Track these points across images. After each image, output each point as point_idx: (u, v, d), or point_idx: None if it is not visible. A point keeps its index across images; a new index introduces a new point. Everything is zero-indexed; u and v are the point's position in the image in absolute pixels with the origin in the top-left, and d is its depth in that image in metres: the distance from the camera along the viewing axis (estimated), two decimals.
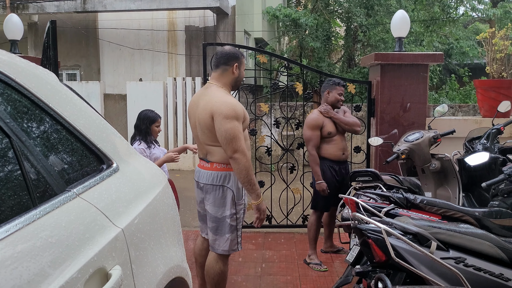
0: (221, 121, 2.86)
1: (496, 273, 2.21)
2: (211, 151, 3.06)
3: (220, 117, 2.86)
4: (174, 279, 1.79)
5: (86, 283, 1.20)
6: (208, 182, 3.05)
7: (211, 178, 3.04)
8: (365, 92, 7.05)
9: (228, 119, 2.85)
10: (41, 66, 1.68)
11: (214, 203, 3.05)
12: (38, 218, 1.16)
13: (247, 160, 2.89)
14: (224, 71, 3.08)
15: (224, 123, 2.85)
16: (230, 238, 3.06)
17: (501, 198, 3.17)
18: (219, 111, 2.87)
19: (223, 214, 3.03)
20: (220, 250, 3.08)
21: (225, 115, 2.86)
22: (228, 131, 2.84)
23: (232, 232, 3.06)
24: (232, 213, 3.04)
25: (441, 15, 13.21)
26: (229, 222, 3.04)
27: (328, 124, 4.25)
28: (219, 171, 3.02)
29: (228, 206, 3.03)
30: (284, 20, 13.42)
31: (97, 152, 1.62)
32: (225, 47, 3.25)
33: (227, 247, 3.07)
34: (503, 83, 5.48)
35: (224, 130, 2.85)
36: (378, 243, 2.26)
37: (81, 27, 13.19)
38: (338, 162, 4.30)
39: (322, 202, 4.32)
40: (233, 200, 3.04)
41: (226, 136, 2.85)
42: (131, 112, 10.08)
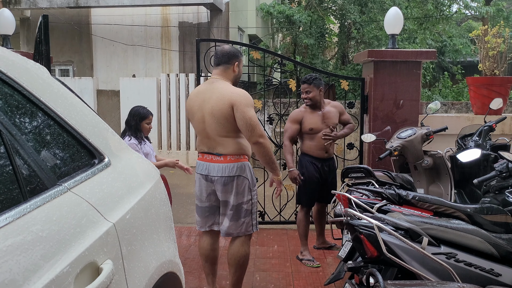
0: (244, 109, 3.04)
1: (487, 268, 2.23)
2: (224, 143, 3.18)
3: (242, 106, 3.05)
4: (166, 274, 1.79)
5: (77, 277, 1.20)
6: (224, 175, 3.20)
7: (228, 170, 3.19)
8: (358, 89, 7.07)
9: (249, 107, 3.08)
10: (32, 61, 1.67)
11: (233, 192, 3.22)
12: (29, 212, 1.15)
13: (269, 142, 3.20)
14: (226, 69, 3.26)
15: (247, 111, 3.05)
16: (246, 221, 3.27)
17: (493, 195, 3.19)
18: (240, 100, 3.07)
19: (239, 201, 3.23)
20: (236, 233, 3.28)
21: (246, 104, 3.06)
22: (252, 118, 3.06)
23: (247, 216, 3.27)
24: (248, 199, 3.26)
25: (435, 13, 13.26)
26: (245, 208, 3.25)
27: (309, 120, 4.24)
28: (235, 163, 3.19)
29: (245, 193, 3.24)
30: (278, 17, 13.41)
31: (89, 147, 1.61)
32: (225, 46, 3.43)
33: (244, 229, 3.27)
34: (495, 80, 5.52)
35: (248, 117, 3.05)
36: (370, 239, 2.27)
37: (74, 22, 13.11)
38: (320, 160, 4.30)
39: (305, 197, 4.36)
40: (249, 188, 3.25)
41: (251, 123, 3.05)
42: (124, 108, 10.03)
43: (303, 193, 4.35)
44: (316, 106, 4.25)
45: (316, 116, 4.25)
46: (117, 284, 1.40)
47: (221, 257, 4.48)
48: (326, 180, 4.33)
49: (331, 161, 4.41)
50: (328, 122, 4.26)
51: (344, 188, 3.81)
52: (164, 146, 10.38)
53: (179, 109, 10.30)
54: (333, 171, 4.41)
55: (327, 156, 4.31)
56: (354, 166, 3.94)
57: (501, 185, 3.14)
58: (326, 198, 4.34)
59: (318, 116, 4.25)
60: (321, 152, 4.27)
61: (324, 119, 4.26)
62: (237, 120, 3.06)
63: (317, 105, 4.25)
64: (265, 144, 3.11)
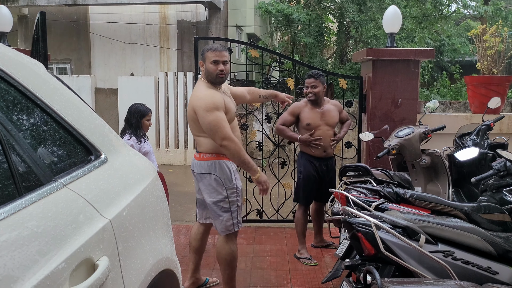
0: (203, 114, 3.06)
1: (484, 266, 2.23)
2: (199, 142, 3.29)
3: (201, 111, 3.07)
4: (163, 271, 1.78)
5: (72, 273, 1.19)
6: (198, 171, 3.29)
7: (200, 167, 3.26)
8: (356, 88, 7.07)
9: (209, 111, 3.05)
10: (29, 57, 1.66)
11: (206, 190, 3.27)
12: (24, 208, 1.15)
13: (235, 144, 3.08)
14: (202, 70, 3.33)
15: (206, 117, 3.05)
16: (225, 219, 3.26)
17: (490, 193, 3.19)
18: (199, 105, 3.08)
19: (214, 199, 3.25)
20: (220, 231, 3.30)
21: (205, 108, 3.05)
22: (211, 123, 3.05)
23: (226, 213, 3.25)
24: (224, 197, 3.24)
25: (433, 12, 13.27)
26: (222, 205, 3.24)
27: (307, 115, 4.25)
28: (206, 160, 3.24)
29: (218, 191, 3.23)
30: (276, 15, 13.40)
31: (85, 143, 1.60)
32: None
33: (224, 227, 3.27)
34: (494, 79, 5.52)
35: (207, 122, 3.06)
36: (367, 237, 2.27)
37: (71, 20, 13.08)
38: (318, 159, 4.30)
39: (302, 195, 4.36)
40: (222, 185, 3.23)
41: (211, 127, 3.06)
42: (122, 106, 10.02)
43: (301, 191, 4.36)
44: (317, 103, 4.26)
45: (315, 112, 4.25)
46: (113, 281, 1.39)
47: None
48: (324, 179, 4.33)
49: (330, 160, 4.40)
50: (327, 120, 4.26)
51: (342, 187, 3.81)
52: (162, 144, 10.37)
53: (177, 108, 10.28)
54: (332, 170, 4.41)
55: (325, 155, 4.30)
56: (352, 164, 3.94)
57: (498, 183, 3.14)
58: (324, 197, 4.34)
59: (316, 113, 4.26)
60: (318, 152, 4.27)
61: (322, 117, 4.26)
62: (201, 125, 3.12)
63: (318, 101, 4.26)
64: (229, 146, 3.06)
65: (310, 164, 4.29)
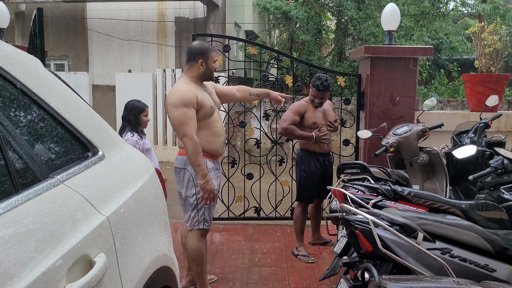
0: (169, 110, 3.13)
1: (482, 263, 2.24)
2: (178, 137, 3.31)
3: (169, 106, 3.14)
4: (161, 268, 1.78)
5: (69, 270, 1.19)
6: (175, 165, 3.36)
7: (177, 161, 3.35)
8: (355, 85, 7.07)
9: (175, 107, 3.10)
10: (26, 52, 1.65)
11: (179, 183, 3.35)
12: (20, 204, 1.14)
13: (192, 143, 3.09)
14: (191, 66, 3.32)
15: (172, 111, 3.11)
16: (191, 215, 3.32)
17: (488, 191, 3.20)
18: (168, 100, 3.17)
19: (185, 194, 3.31)
20: (187, 224, 3.38)
21: (172, 104, 3.12)
22: (175, 118, 3.10)
23: (193, 210, 3.30)
24: (193, 193, 3.28)
25: (431, 10, 13.26)
26: (191, 202, 3.30)
27: (312, 114, 4.27)
28: (182, 155, 3.28)
29: (189, 186, 3.29)
30: (274, 13, 13.38)
31: (82, 140, 1.59)
32: (194, 42, 3.45)
33: (189, 223, 3.34)
34: (491, 77, 5.52)
35: (172, 117, 3.13)
36: (365, 234, 2.26)
37: (69, 16, 13.03)
38: (321, 154, 4.32)
39: (306, 193, 4.35)
40: (192, 181, 3.27)
41: (175, 122, 3.12)
42: (120, 103, 9.99)
43: (304, 190, 4.34)
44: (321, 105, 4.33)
45: (318, 112, 4.31)
46: (110, 278, 1.39)
47: (217, 253, 4.48)
48: (326, 175, 4.37)
49: (330, 156, 4.46)
50: (328, 118, 4.34)
51: (339, 184, 3.81)
52: (160, 141, 10.36)
53: None
54: (331, 166, 4.45)
55: (328, 150, 4.37)
56: (350, 162, 3.93)
57: (496, 181, 3.15)
58: (324, 193, 4.34)
59: (320, 112, 4.32)
60: (324, 147, 4.30)
61: (324, 115, 4.34)
62: None
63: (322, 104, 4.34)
64: (186, 143, 3.09)
65: (313, 161, 4.31)
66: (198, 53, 3.27)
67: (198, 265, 3.36)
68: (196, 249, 3.34)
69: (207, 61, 3.27)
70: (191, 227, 3.34)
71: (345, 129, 8.13)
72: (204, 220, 3.32)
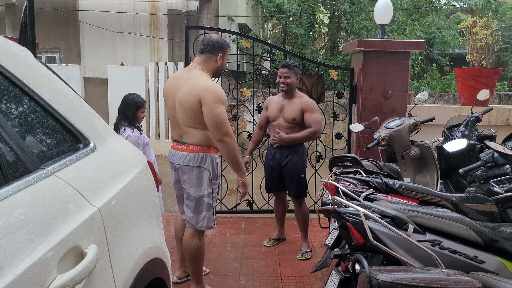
0: (211, 105, 2.95)
1: (471, 255, 2.26)
2: (189, 133, 3.14)
3: (210, 102, 2.95)
4: (152, 260, 1.78)
5: (60, 261, 1.19)
6: (184, 163, 3.17)
7: (188, 159, 3.15)
8: (347, 79, 7.08)
9: (217, 103, 2.97)
10: (17, 43, 1.64)
11: (192, 183, 3.17)
12: (11, 195, 1.14)
13: (235, 142, 3.05)
14: (209, 59, 3.18)
15: (215, 108, 2.96)
16: (207, 216, 3.22)
17: (478, 185, 3.23)
18: (209, 96, 2.96)
19: (200, 194, 3.17)
20: (198, 226, 3.24)
21: (214, 100, 2.96)
22: (218, 116, 2.96)
23: (209, 210, 3.21)
24: (209, 192, 3.19)
25: (424, 4, 13.28)
26: (207, 201, 3.19)
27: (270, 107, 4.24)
28: (196, 153, 3.14)
29: (205, 185, 3.16)
30: (268, 6, 13.34)
31: (73, 131, 1.59)
32: (213, 35, 3.33)
33: (205, 224, 3.23)
34: (483, 71, 5.56)
35: (215, 114, 2.96)
36: (356, 226, 2.28)
37: (60, 8, 12.90)
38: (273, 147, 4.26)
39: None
40: (210, 180, 3.18)
41: (217, 120, 2.96)
42: (112, 96, 9.94)
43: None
44: (288, 94, 4.14)
45: (277, 105, 4.18)
46: (102, 269, 1.39)
47: (210, 246, 4.49)
48: (279, 168, 4.21)
49: (285, 149, 4.15)
50: (284, 114, 4.11)
51: (332, 177, 3.82)
52: (153, 135, 10.32)
53: None
54: (288, 160, 4.15)
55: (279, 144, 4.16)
56: (342, 155, 3.95)
57: (486, 174, 3.18)
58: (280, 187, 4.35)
59: (278, 105, 4.17)
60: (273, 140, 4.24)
61: (281, 110, 4.15)
62: (204, 115, 2.99)
63: (291, 93, 4.14)
64: (229, 143, 3.01)
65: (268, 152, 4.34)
66: (219, 47, 3.16)
67: (198, 263, 3.32)
68: (199, 248, 3.27)
69: (223, 57, 3.19)
70: (206, 228, 3.23)
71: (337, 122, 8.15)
72: (215, 218, 3.29)
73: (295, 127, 4.12)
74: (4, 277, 1.01)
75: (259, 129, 4.49)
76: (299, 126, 4.12)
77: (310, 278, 3.78)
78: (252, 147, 4.48)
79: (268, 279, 3.76)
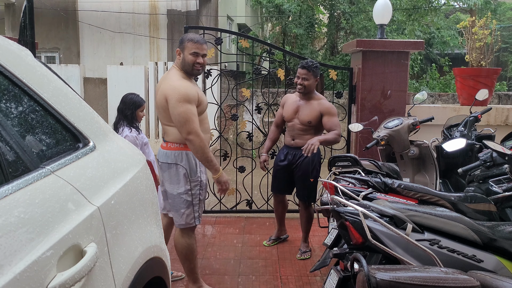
0: (174, 104, 3.01)
1: (469, 254, 2.27)
2: (167, 131, 3.24)
3: (173, 101, 3.02)
4: (152, 259, 1.79)
5: (60, 259, 1.19)
6: (163, 161, 3.24)
7: (166, 156, 3.22)
8: (347, 79, 7.09)
9: (181, 102, 3.01)
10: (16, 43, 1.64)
11: (169, 180, 3.23)
12: (10, 194, 1.14)
13: (201, 140, 3.04)
14: (178, 56, 3.25)
15: (177, 107, 3.00)
16: (186, 213, 3.23)
17: (477, 184, 3.24)
18: (173, 95, 3.03)
19: (177, 191, 3.20)
20: (177, 224, 3.27)
21: (177, 99, 3.01)
22: (181, 114, 3.00)
23: (188, 207, 3.22)
24: (187, 189, 3.20)
25: (423, 4, 13.30)
26: (184, 198, 3.20)
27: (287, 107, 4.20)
28: (173, 150, 3.19)
29: (182, 183, 3.19)
30: (267, 6, 13.35)
31: (73, 130, 1.59)
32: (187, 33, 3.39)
33: (184, 221, 3.24)
34: (482, 71, 5.56)
35: (177, 113, 3.01)
36: (355, 225, 2.29)
37: (60, 8, 12.90)
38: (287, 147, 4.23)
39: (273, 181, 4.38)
40: (186, 177, 3.19)
41: (180, 119, 3.01)
42: (112, 96, 9.95)
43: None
44: (306, 96, 4.09)
45: (293, 105, 4.13)
46: (101, 268, 1.39)
47: (209, 245, 4.50)
48: (289, 169, 4.17)
49: (299, 151, 4.06)
50: (300, 116, 4.07)
51: (331, 177, 3.83)
52: (152, 135, 10.33)
53: None
54: (300, 163, 4.10)
55: (293, 144, 4.14)
56: (341, 155, 3.95)
57: (485, 174, 3.18)
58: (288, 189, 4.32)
59: (294, 105, 4.12)
60: (287, 139, 4.22)
61: (297, 111, 4.10)
62: (170, 114, 3.07)
63: (308, 95, 4.08)
64: (194, 141, 3.02)
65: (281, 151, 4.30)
66: (180, 43, 3.23)
67: (191, 261, 3.33)
68: (188, 246, 3.28)
69: (183, 52, 3.17)
70: (186, 225, 3.24)
71: None
72: (199, 215, 3.28)
73: (310, 130, 4.07)
74: (4, 275, 1.01)
75: (275, 127, 4.42)
76: (314, 129, 4.08)
77: (309, 278, 3.79)
78: (269, 145, 4.41)
79: (267, 279, 3.77)
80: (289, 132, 4.19)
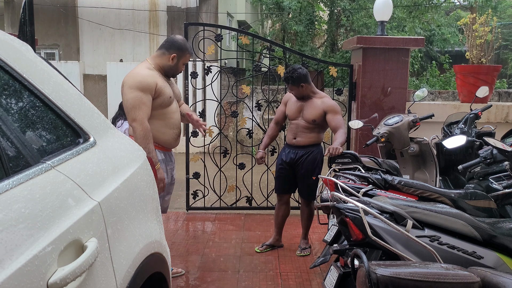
0: (125, 90, 3.08)
1: (469, 251, 2.27)
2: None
3: (126, 87, 3.08)
4: (152, 255, 1.79)
5: (61, 254, 1.19)
6: None
7: None
8: (347, 76, 7.08)
9: (132, 89, 3.05)
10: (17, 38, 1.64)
11: None
12: (11, 189, 1.14)
13: (143, 129, 3.03)
14: (162, 54, 3.25)
15: (127, 93, 3.06)
16: None
17: (477, 181, 3.24)
18: (125, 81, 3.11)
19: None
20: None
21: (128, 86, 3.07)
22: (128, 101, 3.05)
23: None
24: None
25: (424, 1, 13.28)
26: None
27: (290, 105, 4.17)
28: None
29: None
30: (267, 3, 13.32)
31: (74, 126, 1.59)
32: (179, 36, 3.39)
33: None
34: (482, 69, 5.56)
35: (126, 99, 3.07)
36: (355, 222, 2.29)
37: (59, 5, 12.86)
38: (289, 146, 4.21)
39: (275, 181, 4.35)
40: None
41: (127, 105, 3.06)
42: (112, 93, 9.93)
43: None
44: (305, 98, 4.07)
45: (296, 104, 4.11)
46: (102, 263, 1.39)
47: (209, 242, 4.50)
48: (293, 168, 4.14)
49: (301, 149, 4.09)
50: (304, 114, 4.06)
51: (331, 173, 3.83)
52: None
53: None
54: (302, 161, 4.09)
55: (295, 143, 4.12)
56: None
57: (485, 171, 3.19)
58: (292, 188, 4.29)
59: (298, 104, 4.10)
60: (289, 138, 4.19)
61: (300, 110, 4.09)
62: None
63: (307, 96, 4.06)
64: (136, 128, 3.02)
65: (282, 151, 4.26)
66: (176, 48, 3.22)
67: None
68: None
69: (179, 59, 3.22)
70: None
71: None
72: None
73: (314, 128, 4.07)
74: (5, 269, 1.01)
75: (275, 124, 4.36)
76: (318, 127, 4.08)
77: (309, 274, 3.79)
78: (267, 141, 4.36)
79: (267, 275, 3.77)
80: (292, 130, 4.16)
